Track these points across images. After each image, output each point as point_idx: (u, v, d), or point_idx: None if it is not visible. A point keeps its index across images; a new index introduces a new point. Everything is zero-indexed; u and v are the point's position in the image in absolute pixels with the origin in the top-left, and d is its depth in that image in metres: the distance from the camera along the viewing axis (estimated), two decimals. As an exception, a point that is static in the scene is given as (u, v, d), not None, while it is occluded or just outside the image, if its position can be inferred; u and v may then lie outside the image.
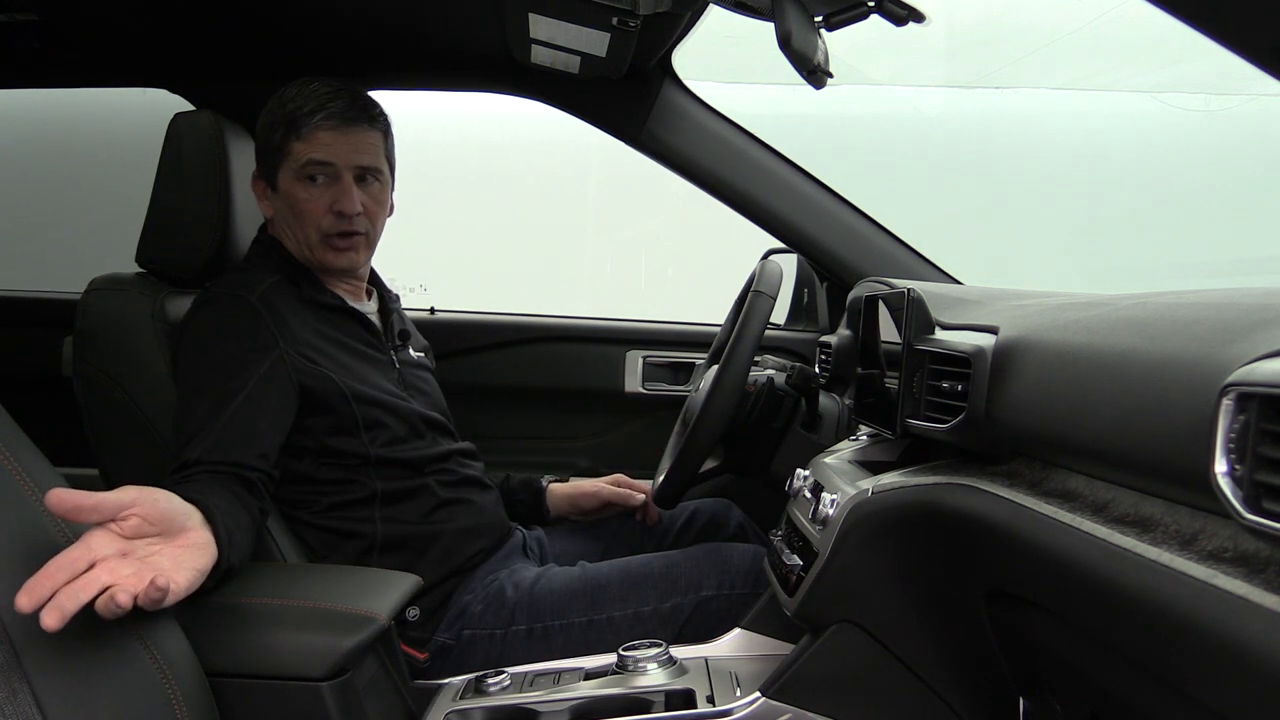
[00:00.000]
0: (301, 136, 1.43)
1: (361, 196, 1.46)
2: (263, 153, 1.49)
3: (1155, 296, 0.83)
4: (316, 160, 1.44)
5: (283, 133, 1.45)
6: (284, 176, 1.46)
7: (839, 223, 1.87)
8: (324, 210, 1.45)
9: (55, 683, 0.81)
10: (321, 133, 1.43)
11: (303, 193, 1.45)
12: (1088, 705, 0.87)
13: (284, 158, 1.45)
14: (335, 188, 1.45)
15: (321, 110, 1.43)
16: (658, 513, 1.70)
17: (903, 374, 1.12)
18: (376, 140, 1.49)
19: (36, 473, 0.88)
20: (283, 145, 1.45)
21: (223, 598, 1.10)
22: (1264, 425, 0.56)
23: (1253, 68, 0.60)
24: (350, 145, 1.45)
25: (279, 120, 1.45)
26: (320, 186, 1.45)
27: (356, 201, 1.45)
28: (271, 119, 1.47)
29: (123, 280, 1.49)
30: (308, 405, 1.36)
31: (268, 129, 1.47)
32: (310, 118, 1.43)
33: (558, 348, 2.15)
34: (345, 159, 1.45)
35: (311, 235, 1.46)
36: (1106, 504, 0.77)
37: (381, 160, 1.50)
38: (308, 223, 1.45)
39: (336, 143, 1.44)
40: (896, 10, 0.90)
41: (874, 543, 1.08)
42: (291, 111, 1.44)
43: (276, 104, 1.47)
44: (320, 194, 1.45)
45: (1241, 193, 3.98)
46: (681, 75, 1.84)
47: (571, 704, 1.20)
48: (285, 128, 1.44)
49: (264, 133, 1.48)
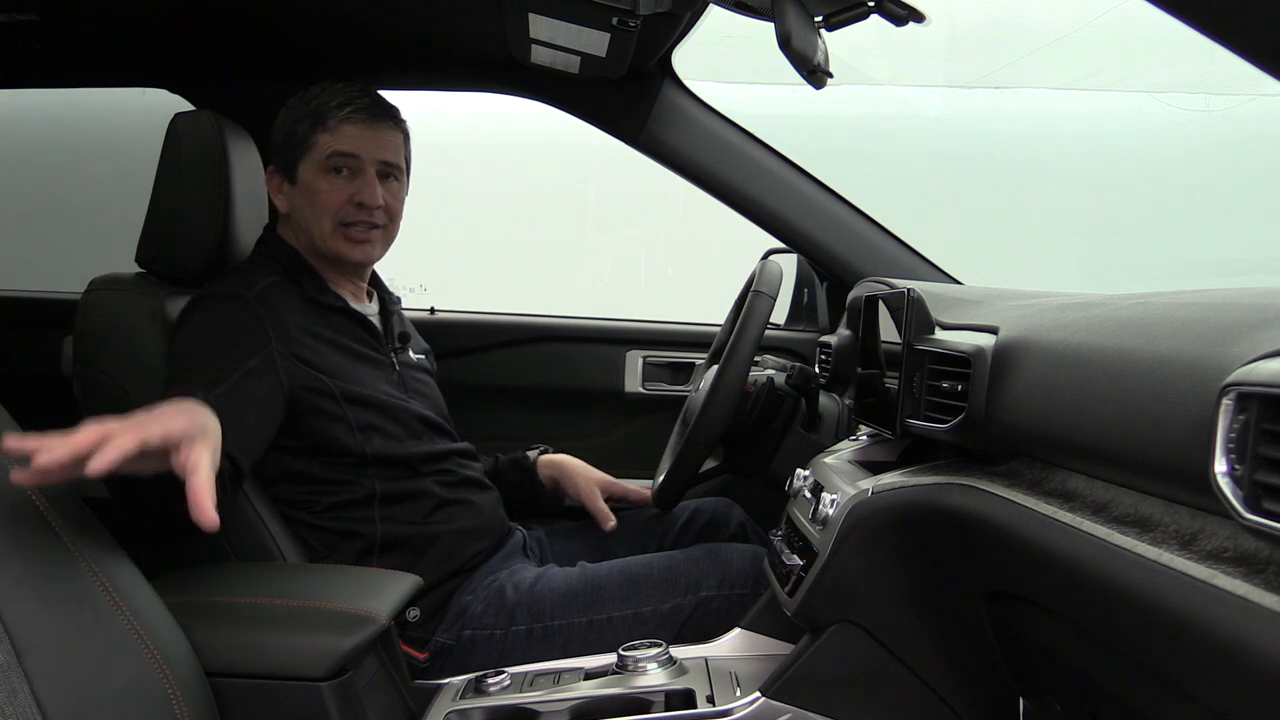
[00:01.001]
0: (329, 129, 1.46)
1: (382, 192, 1.48)
2: (283, 146, 1.50)
3: (1155, 296, 0.83)
4: (342, 152, 1.46)
5: (308, 125, 1.47)
6: (306, 168, 1.47)
7: (839, 223, 1.87)
8: (344, 201, 1.46)
9: (55, 683, 0.81)
10: (349, 126, 1.46)
11: (324, 184, 1.46)
12: (1088, 705, 0.87)
13: (308, 149, 1.47)
14: (358, 180, 1.47)
15: (350, 105, 1.46)
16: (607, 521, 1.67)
17: (903, 374, 1.13)
18: (399, 140, 1.52)
19: (36, 473, 0.88)
20: (307, 137, 1.47)
21: (223, 598, 1.10)
22: (1264, 425, 0.56)
23: (1253, 68, 0.60)
24: (376, 141, 1.48)
25: (304, 114, 1.48)
26: (344, 178, 1.47)
27: (379, 194, 1.47)
28: (295, 113, 1.49)
29: (123, 280, 1.49)
30: (298, 406, 1.36)
31: (290, 122, 1.49)
32: (339, 111, 1.46)
33: (558, 348, 2.15)
34: (370, 153, 1.47)
35: (327, 225, 1.47)
36: (1106, 504, 0.77)
37: (402, 160, 1.53)
38: (325, 213, 1.46)
39: (363, 136, 1.47)
40: (896, 10, 0.90)
41: (874, 543, 1.08)
42: (318, 106, 1.47)
43: (300, 101, 1.49)
44: (343, 185, 1.47)
45: (1241, 193, 3.98)
46: (681, 75, 1.84)
47: (571, 704, 1.20)
48: (311, 120, 1.47)
49: (285, 126, 1.50)
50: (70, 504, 0.91)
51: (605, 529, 1.64)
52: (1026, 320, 0.96)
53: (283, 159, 1.50)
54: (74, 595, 0.86)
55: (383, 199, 1.48)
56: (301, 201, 1.48)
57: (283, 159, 1.50)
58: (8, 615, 0.80)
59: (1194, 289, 0.82)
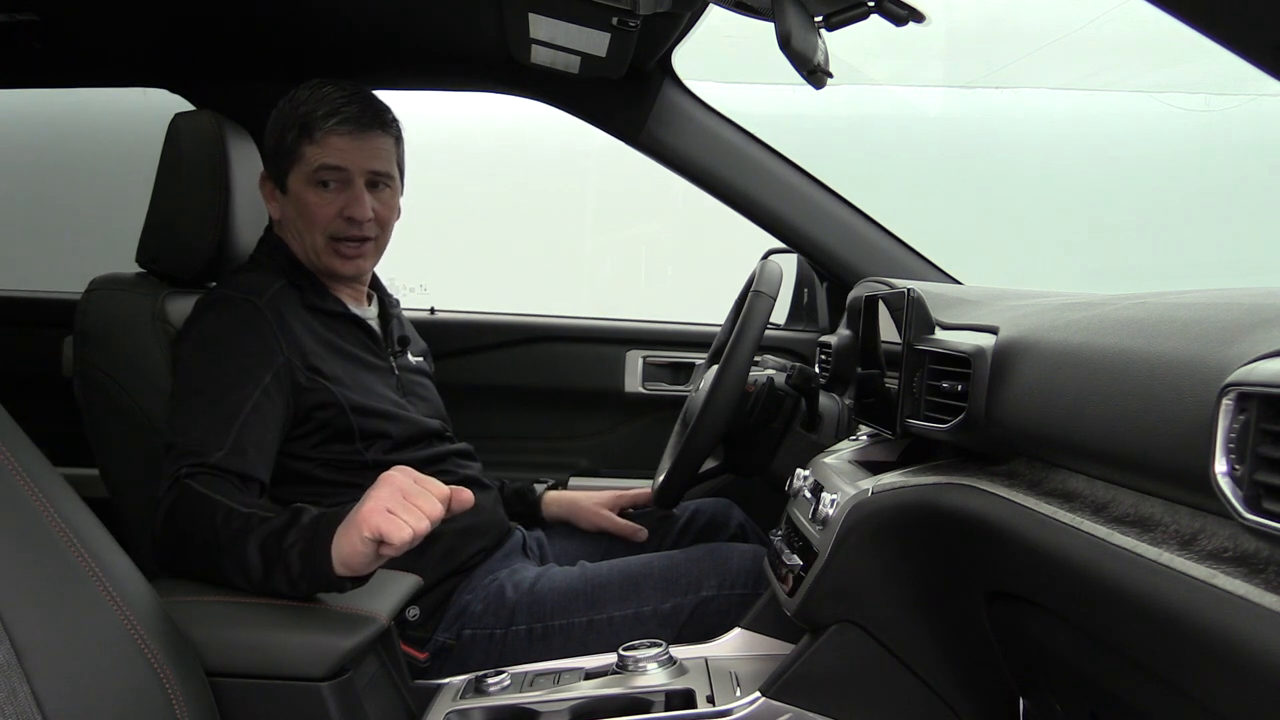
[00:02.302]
0: (315, 140, 1.42)
1: (372, 202, 1.45)
2: (273, 154, 1.47)
3: (1155, 296, 0.82)
4: (329, 165, 1.42)
5: (295, 135, 1.43)
6: (295, 180, 1.45)
7: (839, 223, 1.87)
8: (334, 215, 1.44)
9: (55, 683, 0.81)
10: (335, 138, 1.42)
11: (313, 197, 1.43)
12: (1087, 705, 0.87)
13: (295, 161, 1.44)
14: (347, 193, 1.44)
15: (336, 115, 1.42)
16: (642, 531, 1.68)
17: (903, 374, 1.12)
18: (389, 146, 1.48)
19: (36, 473, 0.88)
20: (295, 148, 1.43)
21: (223, 598, 1.10)
22: (1264, 425, 0.56)
23: (1253, 68, 0.60)
24: (363, 151, 1.44)
25: (291, 122, 1.44)
26: (332, 191, 1.44)
27: (368, 208, 1.44)
28: (283, 120, 1.45)
29: (123, 280, 1.49)
30: (304, 414, 1.36)
31: (279, 130, 1.45)
32: (324, 122, 1.42)
33: (558, 348, 2.15)
34: (358, 165, 1.43)
35: (319, 240, 1.45)
36: (1106, 504, 0.77)
37: (393, 166, 1.49)
38: (315, 226, 1.44)
39: (350, 148, 1.43)
40: (896, 10, 0.90)
41: (874, 543, 1.08)
42: (304, 114, 1.43)
43: (288, 105, 1.45)
44: (331, 199, 1.44)
45: (1242, 193, 3.98)
46: (681, 75, 1.84)
47: (571, 704, 1.20)
48: (298, 130, 1.43)
49: (275, 134, 1.46)
50: (70, 504, 0.91)
51: (639, 540, 1.64)
52: (1026, 320, 0.96)
53: (273, 168, 1.48)
54: (74, 595, 0.86)
55: (372, 210, 1.45)
56: (293, 212, 1.46)
57: (273, 168, 1.48)
58: (8, 615, 0.80)
59: (1194, 289, 0.82)
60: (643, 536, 1.64)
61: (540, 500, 1.72)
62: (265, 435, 1.28)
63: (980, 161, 3.94)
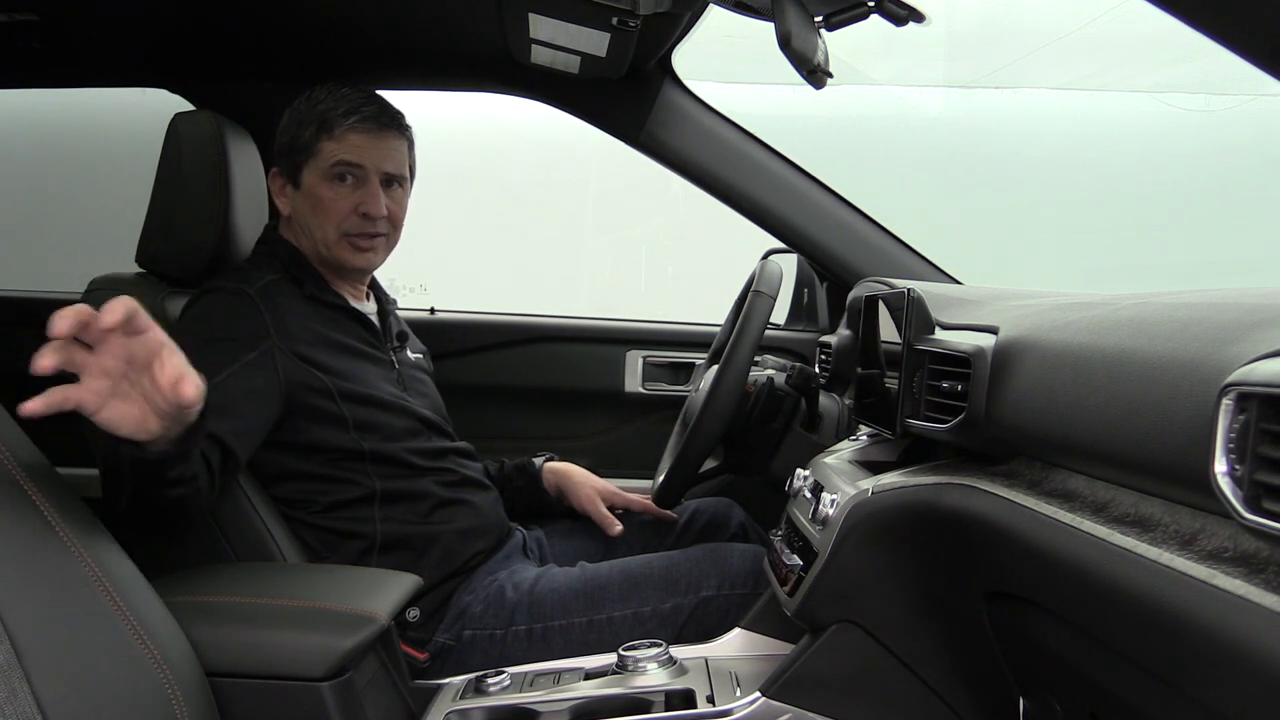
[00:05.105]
0: (334, 136, 1.46)
1: (386, 200, 1.49)
2: (288, 149, 1.50)
3: (1155, 296, 0.82)
4: (348, 161, 1.46)
5: (314, 131, 1.47)
6: (310, 174, 1.47)
7: (839, 223, 1.87)
8: (349, 210, 1.47)
9: (55, 683, 0.81)
10: (354, 135, 1.46)
11: (329, 191, 1.47)
12: (1088, 705, 0.87)
13: (313, 155, 1.47)
14: (362, 190, 1.47)
15: (356, 113, 1.46)
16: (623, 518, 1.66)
17: (903, 374, 1.12)
18: (403, 149, 1.52)
19: (36, 473, 0.89)
20: (313, 143, 1.47)
21: (223, 597, 1.10)
22: (1264, 425, 0.56)
23: (1253, 68, 0.60)
24: (381, 151, 1.48)
25: (310, 119, 1.47)
26: (348, 187, 1.47)
27: (383, 205, 1.48)
28: (300, 117, 1.49)
29: (123, 280, 1.49)
30: (295, 403, 1.36)
31: (295, 126, 1.49)
32: (345, 119, 1.46)
33: (558, 348, 2.15)
34: (375, 163, 1.48)
35: (331, 233, 1.47)
36: (1106, 504, 0.77)
37: (406, 168, 1.53)
38: (329, 221, 1.47)
39: (368, 146, 1.47)
40: (896, 10, 0.90)
41: (874, 543, 1.08)
42: (324, 112, 1.47)
43: (306, 104, 1.49)
44: (347, 194, 1.47)
45: (1242, 193, 3.98)
46: (681, 75, 1.84)
47: (571, 704, 1.21)
48: (317, 126, 1.47)
49: (290, 130, 1.49)
50: (70, 504, 0.91)
51: (612, 534, 1.64)
52: (1026, 320, 0.96)
53: (287, 162, 1.50)
54: (74, 596, 0.86)
55: (386, 208, 1.49)
56: (305, 207, 1.49)
57: (287, 162, 1.50)
58: (8, 615, 0.80)
59: (1194, 289, 0.82)
60: (616, 530, 1.63)
61: (540, 472, 1.73)
62: (239, 404, 1.27)
63: (980, 161, 3.94)
